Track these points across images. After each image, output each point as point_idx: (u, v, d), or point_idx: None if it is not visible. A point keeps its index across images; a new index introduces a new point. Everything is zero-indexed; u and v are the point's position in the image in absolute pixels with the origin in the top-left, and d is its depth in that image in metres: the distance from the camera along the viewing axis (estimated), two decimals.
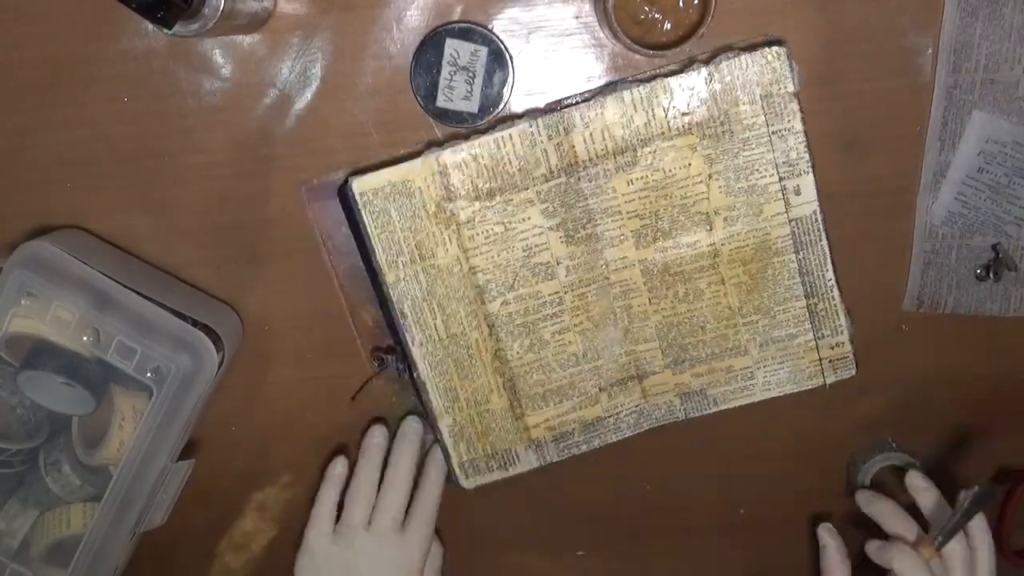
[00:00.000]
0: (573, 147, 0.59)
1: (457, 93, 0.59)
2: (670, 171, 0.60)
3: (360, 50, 0.60)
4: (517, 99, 0.61)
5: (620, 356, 0.65)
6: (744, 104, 0.58)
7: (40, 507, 0.63)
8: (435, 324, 0.62)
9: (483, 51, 0.59)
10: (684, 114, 0.58)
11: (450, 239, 0.60)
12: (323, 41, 0.60)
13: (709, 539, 0.72)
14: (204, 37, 0.59)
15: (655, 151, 0.60)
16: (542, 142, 0.59)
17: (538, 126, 0.58)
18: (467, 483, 0.66)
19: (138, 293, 0.56)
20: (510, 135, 0.58)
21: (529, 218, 0.60)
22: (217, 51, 0.60)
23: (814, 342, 0.64)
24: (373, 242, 0.60)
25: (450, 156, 0.58)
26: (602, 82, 0.61)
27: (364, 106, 0.61)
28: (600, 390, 0.65)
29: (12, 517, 0.62)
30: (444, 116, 0.60)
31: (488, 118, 0.60)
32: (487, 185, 0.59)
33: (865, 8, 0.59)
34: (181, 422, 0.58)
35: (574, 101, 0.60)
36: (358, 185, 0.58)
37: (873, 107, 0.61)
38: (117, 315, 0.56)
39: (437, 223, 0.60)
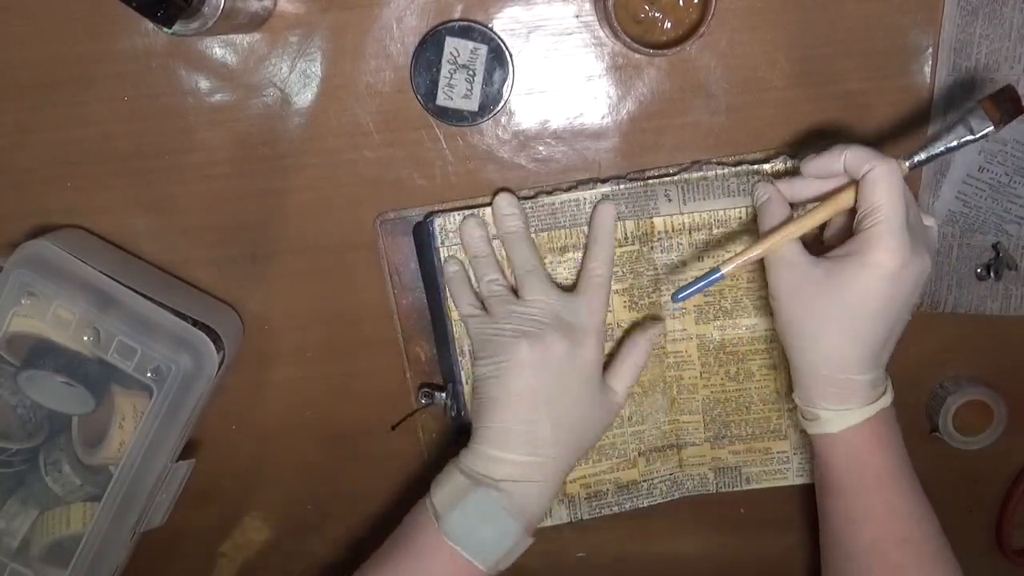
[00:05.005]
0: (651, 217, 0.60)
1: (457, 91, 0.59)
2: None
3: (360, 49, 0.60)
4: (517, 97, 0.61)
5: (663, 424, 0.65)
6: None
7: (40, 507, 0.62)
8: None
9: (483, 49, 0.59)
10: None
11: None
12: (323, 40, 0.60)
13: (709, 539, 0.72)
14: (204, 36, 0.59)
15: (729, 233, 0.60)
16: (622, 208, 0.60)
17: (620, 193, 0.59)
18: None
19: (138, 293, 0.56)
20: (592, 196, 0.59)
21: None
22: (217, 50, 0.60)
23: None
24: (445, 280, 0.60)
25: (531, 208, 0.59)
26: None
27: (364, 105, 0.61)
28: (639, 454, 0.65)
29: (12, 517, 0.62)
30: (444, 115, 0.60)
31: (488, 116, 0.60)
32: (562, 241, 0.60)
33: (865, 8, 0.59)
34: (181, 422, 0.58)
35: (658, 173, 0.61)
36: (439, 224, 0.59)
37: (873, 107, 0.61)
38: (117, 315, 0.56)
39: (509, 268, 0.60)
